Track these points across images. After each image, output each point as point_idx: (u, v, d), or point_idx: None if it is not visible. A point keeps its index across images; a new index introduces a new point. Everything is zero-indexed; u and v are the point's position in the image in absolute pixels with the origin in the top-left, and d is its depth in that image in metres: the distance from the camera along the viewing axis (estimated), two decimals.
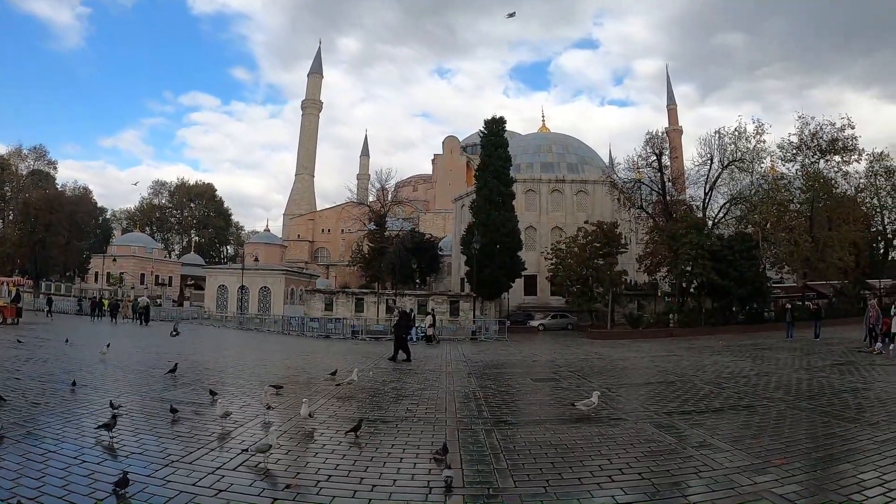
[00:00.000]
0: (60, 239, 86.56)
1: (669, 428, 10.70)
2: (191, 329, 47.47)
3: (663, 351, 29.30)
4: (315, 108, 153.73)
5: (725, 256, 43.84)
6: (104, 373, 17.62)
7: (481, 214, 54.34)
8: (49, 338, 29.73)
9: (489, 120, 58.41)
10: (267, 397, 11.96)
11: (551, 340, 41.45)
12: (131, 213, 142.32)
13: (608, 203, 64.06)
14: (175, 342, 31.62)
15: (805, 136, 49.97)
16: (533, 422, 11.93)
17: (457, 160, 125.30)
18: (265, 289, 76.60)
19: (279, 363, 23.97)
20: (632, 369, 22.08)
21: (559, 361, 24.91)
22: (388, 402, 14.21)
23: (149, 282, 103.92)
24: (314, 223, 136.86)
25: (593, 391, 12.31)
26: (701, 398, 14.39)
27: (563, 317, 56.69)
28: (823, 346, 28.15)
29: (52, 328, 37.36)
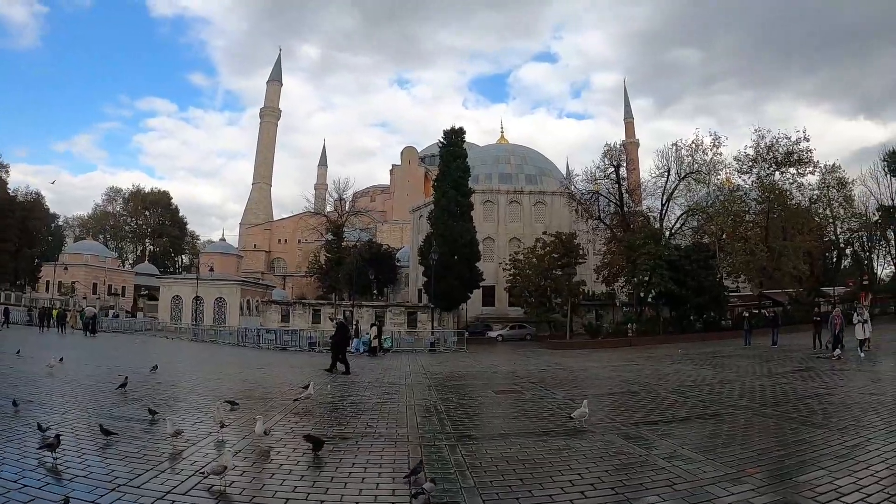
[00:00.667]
0: (10, 246, 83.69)
1: (637, 439, 10.45)
2: (144, 341, 46.62)
3: (623, 360, 29.14)
4: (273, 117, 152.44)
5: (683, 266, 44.20)
6: (51, 388, 16.76)
7: (439, 225, 54.22)
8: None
9: (448, 130, 58.47)
10: (220, 413, 11.41)
11: (511, 351, 41.38)
12: (84, 220, 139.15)
13: (566, 214, 64.18)
14: (126, 354, 30.92)
15: (761, 149, 50.38)
16: (498, 436, 11.52)
17: (415, 171, 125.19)
18: (220, 300, 75.64)
19: (235, 377, 23.33)
20: (594, 379, 21.89)
21: (520, 372, 24.63)
22: (348, 418, 13.71)
23: (101, 291, 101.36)
24: (271, 233, 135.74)
25: (583, 400, 11.96)
26: (666, 408, 14.22)
27: (521, 327, 56.83)
28: (782, 353, 28.30)
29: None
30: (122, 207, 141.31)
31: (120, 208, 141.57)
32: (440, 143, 60.03)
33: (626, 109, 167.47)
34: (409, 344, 43.39)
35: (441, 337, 42.93)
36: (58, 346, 33.49)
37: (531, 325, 56.57)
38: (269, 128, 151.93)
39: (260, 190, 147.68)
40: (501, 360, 33.48)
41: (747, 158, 51.07)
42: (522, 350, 41.95)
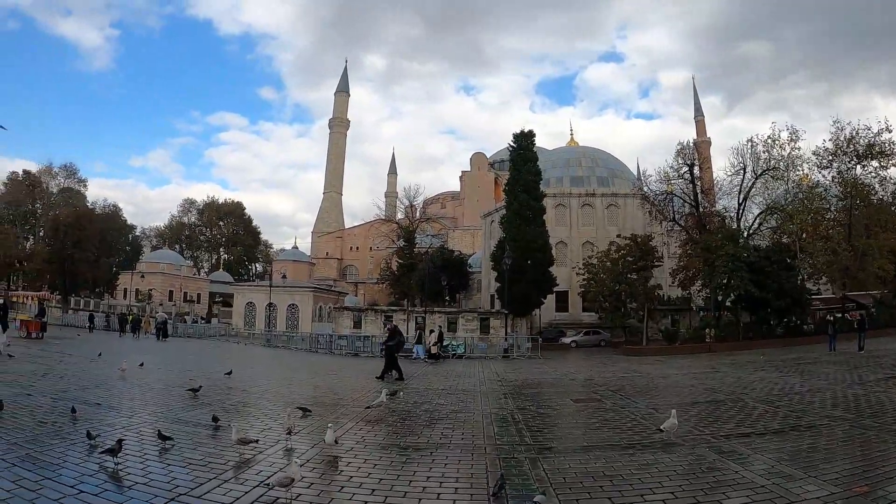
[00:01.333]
0: (90, 255, 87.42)
1: (730, 453, 9.80)
2: (217, 346, 47.25)
3: (704, 367, 28.29)
4: (342, 127, 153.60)
5: (763, 268, 42.62)
6: (121, 391, 16.92)
7: (512, 229, 53.60)
8: (71, 353, 29.41)
9: (518, 134, 57.90)
10: (291, 420, 11.18)
11: (585, 358, 40.50)
12: (161, 230, 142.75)
13: (640, 216, 62.92)
14: (199, 359, 31.42)
15: (841, 142, 48.36)
16: (580, 448, 10.94)
17: (485, 176, 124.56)
18: (293, 306, 76.45)
19: (306, 382, 23.31)
20: (675, 387, 21.12)
21: (597, 380, 23.97)
22: (421, 426, 13.31)
23: (177, 298, 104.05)
24: (342, 241, 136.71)
25: (671, 410, 11.32)
26: (756, 419, 13.50)
27: (595, 333, 55.73)
28: (870, 359, 26.91)
29: (74, 343, 36.94)
30: (197, 218, 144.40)
31: (195, 219, 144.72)
32: (510, 147, 59.38)
33: (695, 107, 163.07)
34: (482, 350, 42.94)
35: (514, 343, 42.28)
36: (134, 350, 34.16)
37: (605, 330, 55.62)
38: (339, 138, 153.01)
39: (331, 199, 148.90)
40: (577, 366, 32.80)
41: (826, 152, 48.97)
42: (597, 356, 41.15)
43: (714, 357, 34.95)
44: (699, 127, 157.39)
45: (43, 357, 25.98)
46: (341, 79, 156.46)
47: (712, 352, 38.90)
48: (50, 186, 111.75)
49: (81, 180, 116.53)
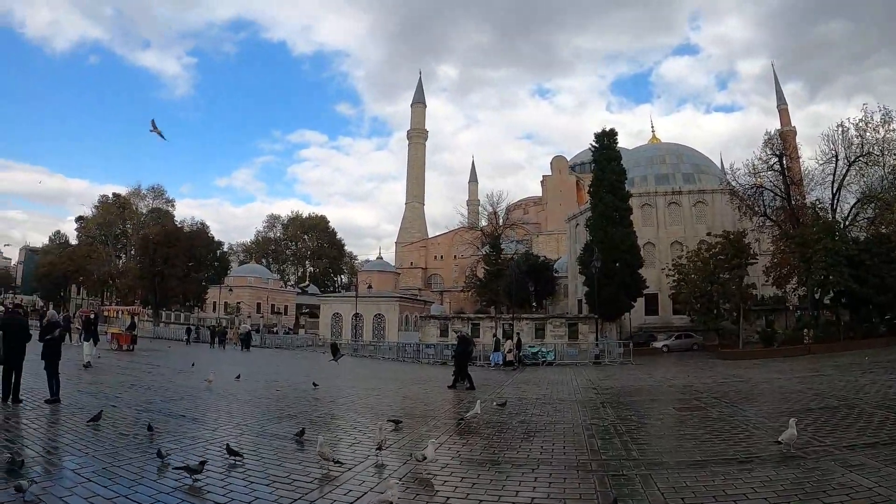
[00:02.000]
0: (179, 271, 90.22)
1: (860, 467, 8.94)
2: (305, 357, 47.72)
3: (806, 370, 26.99)
4: (421, 137, 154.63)
5: (863, 261, 40.57)
6: (207, 403, 17.00)
7: (598, 232, 52.61)
8: (159, 364, 30.09)
9: (599, 133, 56.96)
10: (382, 433, 10.64)
11: (679, 362, 39.35)
12: (247, 246, 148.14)
13: (729, 213, 61.08)
14: (286, 370, 31.78)
15: None
16: (694, 463, 10.01)
17: (566, 180, 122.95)
18: (379, 316, 76.86)
19: (395, 393, 22.94)
20: (782, 393, 20.02)
21: (697, 386, 23.04)
22: (519, 439, 12.61)
23: (265, 310, 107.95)
24: (426, 250, 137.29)
25: (789, 419, 10.33)
26: (878, 427, 12.51)
27: (687, 336, 54.09)
28: None
29: (163, 355, 37.89)
30: (282, 233, 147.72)
31: (280, 233, 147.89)
32: (592, 148, 58.37)
33: (777, 95, 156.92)
34: (572, 356, 42.15)
35: (605, 348, 41.41)
36: (221, 361, 35.27)
37: (697, 333, 53.93)
38: (418, 148, 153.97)
39: (413, 209, 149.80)
40: (672, 372, 31.77)
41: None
42: (692, 361, 39.98)
43: (814, 359, 33.30)
44: (783, 116, 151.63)
45: (131, 369, 26.76)
46: (416, 90, 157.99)
47: (811, 353, 37.12)
48: (139, 207, 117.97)
49: (169, 200, 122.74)
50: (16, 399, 14.26)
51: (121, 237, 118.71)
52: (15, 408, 13.83)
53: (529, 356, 40.38)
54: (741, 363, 35.18)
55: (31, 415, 13.21)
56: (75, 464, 8.93)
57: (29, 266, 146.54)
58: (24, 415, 13.19)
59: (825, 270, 40.38)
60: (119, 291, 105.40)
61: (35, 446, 10.24)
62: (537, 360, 39.52)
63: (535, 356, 40.31)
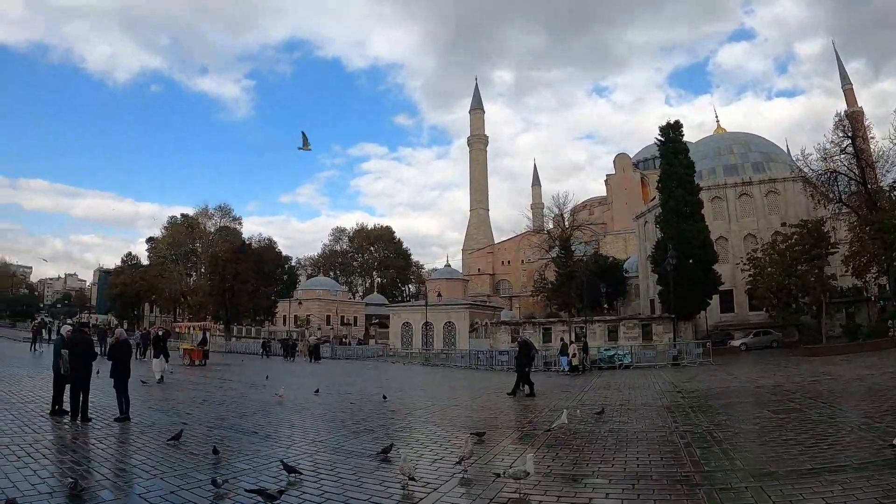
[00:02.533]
0: (248, 286, 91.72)
1: None
2: (376, 367, 47.68)
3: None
4: (481, 143, 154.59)
5: None
6: (280, 417, 16.77)
7: (669, 228, 51.25)
8: (230, 378, 30.12)
9: (664, 126, 55.65)
10: (467, 447, 10.21)
11: (761, 361, 37.65)
12: (315, 259, 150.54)
13: (802, 201, 59.56)
14: (358, 381, 31.62)
15: None
16: (806, 473, 9.08)
17: (630, 177, 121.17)
18: (449, 324, 76.53)
19: (472, 403, 22.27)
20: (880, 391, 18.76)
21: (787, 386, 21.91)
22: (610, 451, 11.84)
23: (334, 322, 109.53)
24: (493, 256, 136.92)
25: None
26: None
27: (766, 333, 51.88)
28: None
29: (235, 370, 38.00)
30: (349, 245, 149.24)
31: (346, 246, 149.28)
32: (657, 142, 57.08)
33: (841, 75, 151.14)
34: (649, 359, 41.04)
35: (683, 349, 40.21)
36: (292, 374, 35.68)
37: (776, 330, 51.94)
38: (479, 155, 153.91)
39: (478, 215, 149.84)
40: (756, 371, 30.42)
41: None
42: (773, 359, 38.32)
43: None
44: (848, 96, 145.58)
45: (203, 384, 26.73)
46: (474, 96, 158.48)
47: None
48: (207, 226, 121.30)
49: (236, 218, 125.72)
50: (84, 418, 14.24)
51: (190, 256, 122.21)
52: (84, 427, 13.78)
53: (605, 359, 39.47)
54: (827, 360, 33.47)
55: (99, 434, 13.11)
56: (142, 487, 8.73)
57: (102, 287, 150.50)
58: (93, 434, 13.08)
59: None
60: (190, 308, 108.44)
61: (103, 467, 10.04)
62: (613, 364, 38.55)
63: (610, 359, 39.36)
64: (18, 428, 12.97)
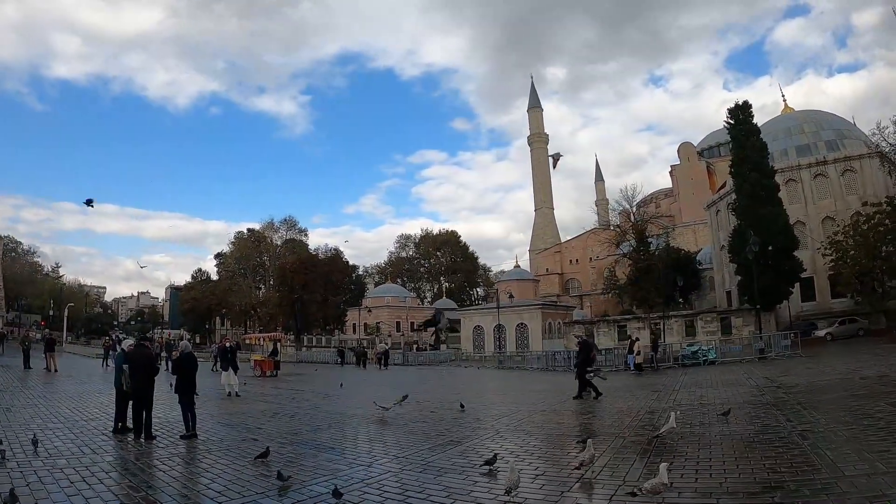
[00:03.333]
0: (317, 296, 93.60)
1: None
2: (450, 372, 47.36)
3: None
4: (542, 142, 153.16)
5: None
6: (356, 430, 16.14)
7: (746, 214, 48.85)
8: (302, 389, 29.88)
9: (733, 108, 53.31)
10: (590, 451, 9.54)
11: (852, 351, 35.74)
12: (382, 267, 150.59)
13: (881, 178, 56.89)
14: (434, 388, 31.19)
15: None
16: None
17: (696, 166, 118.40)
18: (522, 325, 75.40)
19: (559, 407, 20.86)
20: None
21: (894, 376, 20.53)
22: (731, 457, 10.57)
23: (404, 329, 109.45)
24: (561, 255, 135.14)
25: None
26: None
27: (851, 322, 48.57)
28: None
29: (307, 379, 37.84)
30: (415, 251, 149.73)
31: (412, 252, 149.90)
32: (726, 125, 54.75)
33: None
34: (734, 353, 39.51)
35: (769, 342, 38.41)
36: (370, 382, 35.46)
37: (862, 317, 48.98)
38: (541, 153, 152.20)
39: (543, 215, 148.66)
40: (854, 362, 28.43)
41: None
42: (865, 348, 36.33)
43: None
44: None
45: (274, 395, 26.40)
46: (531, 95, 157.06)
47: None
48: (274, 240, 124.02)
49: (302, 230, 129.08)
50: (148, 436, 13.76)
51: (258, 269, 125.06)
52: (148, 445, 13.28)
53: (688, 355, 38.17)
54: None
55: (163, 453, 12.58)
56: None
57: (174, 303, 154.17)
58: (157, 453, 12.55)
59: None
60: (261, 320, 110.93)
61: (165, 493, 9.30)
62: (697, 360, 37.20)
63: (694, 355, 38.01)
64: (77, 448, 12.61)
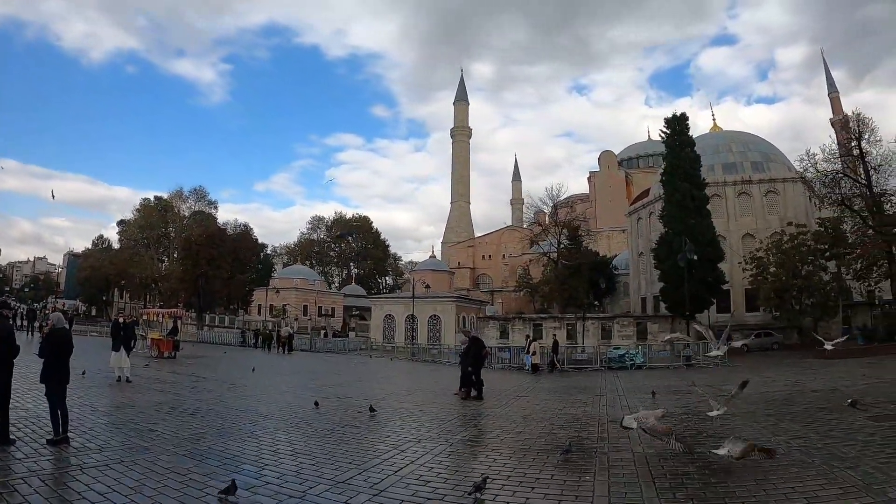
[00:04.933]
0: (223, 273, 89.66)
1: None
2: (364, 362, 45.34)
3: None
4: (464, 136, 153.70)
5: None
6: (276, 436, 12.65)
7: (675, 223, 49.74)
8: (205, 376, 26.08)
9: (670, 118, 54.50)
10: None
11: (776, 363, 35.86)
12: (291, 248, 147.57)
13: (802, 202, 58.91)
14: (352, 380, 28.74)
15: None
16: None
17: (615, 175, 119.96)
18: (435, 317, 74.66)
19: (507, 411, 18.27)
20: None
21: (844, 390, 19.55)
22: (755, 482, 8.70)
23: (312, 313, 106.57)
24: (474, 250, 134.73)
25: None
26: None
27: (767, 335, 50.22)
28: None
29: (209, 364, 34.63)
30: (326, 234, 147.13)
31: (324, 235, 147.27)
32: (662, 134, 55.38)
33: (828, 83, 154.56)
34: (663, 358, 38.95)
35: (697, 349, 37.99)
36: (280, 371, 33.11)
37: (777, 332, 50.96)
38: (462, 147, 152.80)
39: (459, 208, 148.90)
40: (790, 374, 28.07)
41: None
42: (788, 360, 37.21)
43: None
44: (835, 104, 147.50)
45: (172, 382, 22.84)
46: (459, 88, 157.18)
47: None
48: (182, 210, 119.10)
49: (211, 202, 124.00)
50: (4, 440, 10.15)
51: (163, 240, 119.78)
52: (2, 453, 9.66)
53: (616, 359, 37.67)
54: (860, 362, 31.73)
55: (21, 469, 8.85)
56: None
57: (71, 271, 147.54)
58: (14, 467, 8.94)
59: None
60: (162, 295, 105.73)
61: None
62: (624, 364, 36.75)
63: (621, 359, 37.52)
64: None
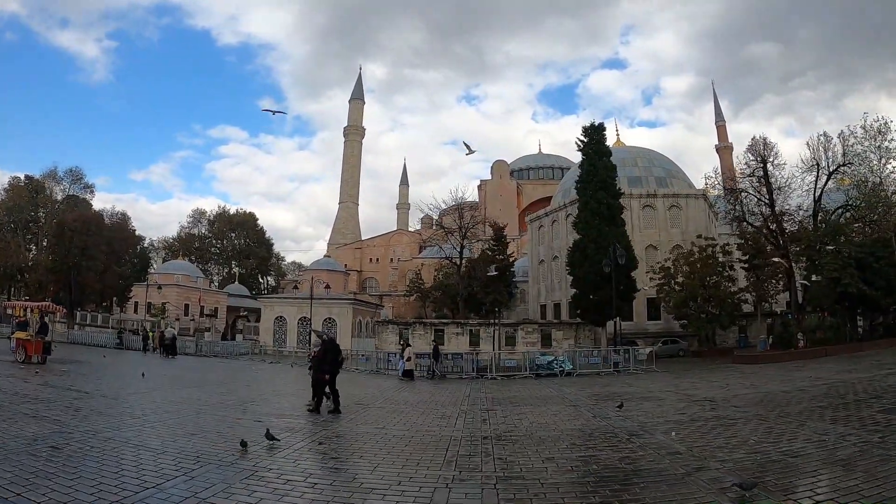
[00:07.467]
0: (98, 264, 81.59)
1: None
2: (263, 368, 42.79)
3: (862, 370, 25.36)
4: (357, 135, 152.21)
5: (871, 264, 40.10)
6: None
7: (590, 230, 50.14)
8: (87, 390, 20.89)
9: (588, 127, 55.10)
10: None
11: (695, 369, 36.21)
12: (170, 242, 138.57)
13: (702, 218, 61.12)
14: (259, 390, 26.11)
15: None
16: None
17: (507, 185, 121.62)
18: (330, 320, 72.15)
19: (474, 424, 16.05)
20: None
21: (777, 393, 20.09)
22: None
23: (193, 312, 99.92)
24: (362, 252, 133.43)
25: None
26: None
27: (674, 342, 52.87)
28: None
29: (88, 373, 29.11)
30: (208, 229, 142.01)
31: (205, 230, 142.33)
32: (579, 142, 55.53)
33: (716, 112, 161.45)
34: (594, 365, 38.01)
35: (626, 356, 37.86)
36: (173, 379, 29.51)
37: (681, 339, 53.39)
38: (354, 147, 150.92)
39: (347, 209, 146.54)
40: (719, 379, 27.95)
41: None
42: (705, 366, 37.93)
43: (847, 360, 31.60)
44: (720, 132, 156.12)
45: (46, 400, 17.41)
46: (356, 86, 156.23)
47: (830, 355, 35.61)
48: (54, 192, 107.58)
49: (88, 186, 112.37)
50: None
51: (31, 225, 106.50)
52: None
53: (543, 366, 37.31)
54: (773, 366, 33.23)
55: None
56: None
57: None
58: None
59: (837, 272, 39.77)
60: (28, 287, 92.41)
61: None
62: (553, 370, 36.43)
63: (549, 365, 37.14)
64: None
